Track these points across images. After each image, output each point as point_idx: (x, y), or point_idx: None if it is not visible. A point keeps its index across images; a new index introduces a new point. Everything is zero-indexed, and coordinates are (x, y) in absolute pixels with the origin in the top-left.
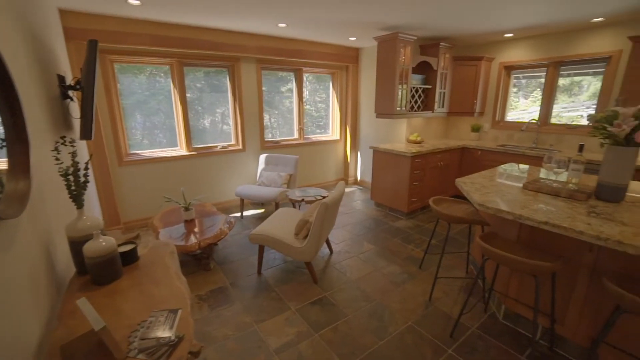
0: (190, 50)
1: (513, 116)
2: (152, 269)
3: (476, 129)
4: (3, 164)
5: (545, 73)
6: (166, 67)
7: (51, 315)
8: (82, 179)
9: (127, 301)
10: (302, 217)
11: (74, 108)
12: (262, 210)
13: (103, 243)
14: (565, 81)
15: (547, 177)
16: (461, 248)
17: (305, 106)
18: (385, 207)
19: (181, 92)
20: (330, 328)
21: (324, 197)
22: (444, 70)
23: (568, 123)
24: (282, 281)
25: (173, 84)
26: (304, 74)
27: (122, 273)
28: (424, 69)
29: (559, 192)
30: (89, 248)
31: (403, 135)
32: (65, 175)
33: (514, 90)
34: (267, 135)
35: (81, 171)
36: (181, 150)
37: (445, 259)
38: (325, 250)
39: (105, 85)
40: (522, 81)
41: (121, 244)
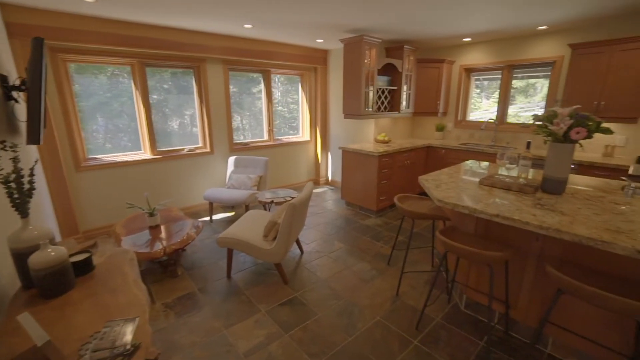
0: (151, 50)
1: (477, 116)
2: (109, 278)
3: (440, 129)
4: None
5: (500, 75)
6: (127, 68)
7: None
8: (27, 186)
9: (80, 313)
10: (271, 219)
11: (20, 110)
12: (232, 213)
13: (52, 253)
14: (521, 83)
15: (501, 173)
16: (427, 243)
17: (277, 107)
18: (355, 206)
19: (143, 94)
20: (300, 328)
21: (293, 198)
22: (409, 72)
23: (525, 122)
24: (252, 284)
25: (135, 85)
26: (273, 75)
27: (75, 284)
28: (390, 71)
29: (511, 187)
30: (36, 259)
31: (371, 135)
32: (5, 182)
33: (477, 91)
34: (239, 137)
35: (25, 178)
36: (145, 154)
37: (412, 254)
38: (296, 250)
39: (58, 86)
40: (484, 83)
41: (74, 254)
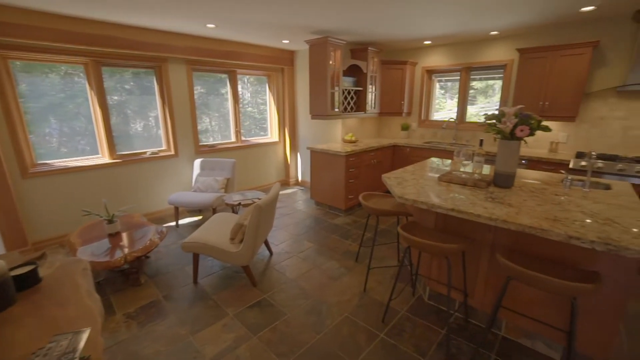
0: (107, 49)
1: (442, 115)
2: (58, 290)
3: (405, 128)
4: None
5: (459, 77)
6: (81, 67)
7: None
8: None
9: (22, 330)
10: (237, 221)
11: None
12: (200, 217)
13: None
14: (481, 84)
15: (463, 170)
16: (393, 239)
17: (247, 108)
18: (324, 206)
19: (100, 94)
20: (269, 329)
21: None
22: (374, 73)
23: (480, 121)
24: (220, 288)
25: (89, 85)
26: (242, 76)
27: (16, 299)
28: (355, 72)
29: (466, 182)
30: None
31: (339, 135)
32: None
33: (442, 92)
34: (208, 139)
35: None
36: (103, 158)
37: (379, 251)
38: (265, 252)
39: None
40: (448, 84)
41: (16, 267)
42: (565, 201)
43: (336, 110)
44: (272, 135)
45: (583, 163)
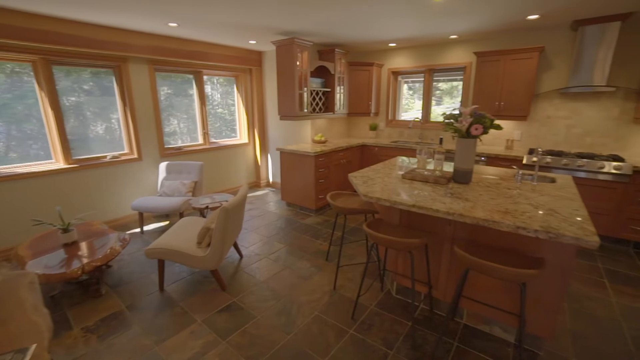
0: (58, 46)
1: (411, 115)
2: None
3: (374, 128)
4: None
5: (423, 78)
6: (28, 65)
7: None
8: None
9: None
10: (204, 225)
11: None
12: (167, 222)
13: None
14: (446, 85)
15: (424, 167)
16: (363, 237)
17: (217, 109)
18: (295, 206)
19: (51, 95)
20: (238, 332)
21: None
22: (341, 74)
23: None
24: (188, 294)
25: (38, 85)
26: (211, 77)
27: None
28: (323, 73)
29: (428, 179)
30: None
31: (308, 135)
32: None
33: (410, 92)
34: (177, 141)
35: None
36: (57, 163)
37: (349, 249)
38: (235, 255)
39: None
40: (416, 85)
41: None
42: (516, 194)
43: (305, 111)
44: (242, 136)
45: (534, 159)
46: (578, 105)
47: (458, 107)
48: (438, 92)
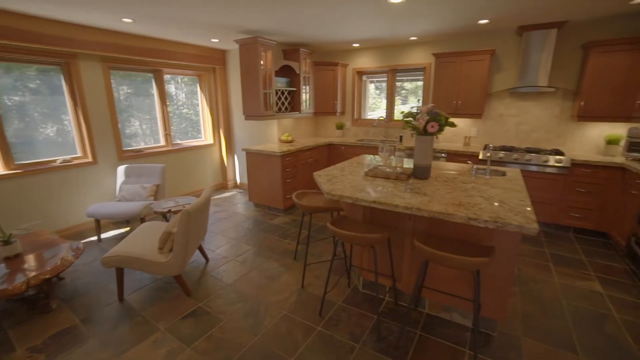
0: None
1: (378, 114)
2: None
3: (340, 127)
4: None
5: (386, 78)
6: None
7: None
8: None
9: None
10: (165, 229)
11: None
12: (127, 228)
13: None
14: (411, 85)
15: (389, 165)
16: (330, 235)
17: (182, 110)
18: (263, 207)
19: None
20: (204, 338)
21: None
22: (306, 74)
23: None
24: (150, 302)
25: None
26: (175, 76)
27: None
28: (288, 73)
29: (389, 176)
30: None
31: (275, 135)
32: None
33: (377, 92)
34: (139, 143)
35: None
36: None
37: (317, 247)
38: (200, 259)
39: None
40: (382, 85)
41: None
42: (470, 188)
43: (270, 110)
44: (207, 137)
45: (488, 154)
46: (526, 104)
47: (416, 106)
48: (404, 92)
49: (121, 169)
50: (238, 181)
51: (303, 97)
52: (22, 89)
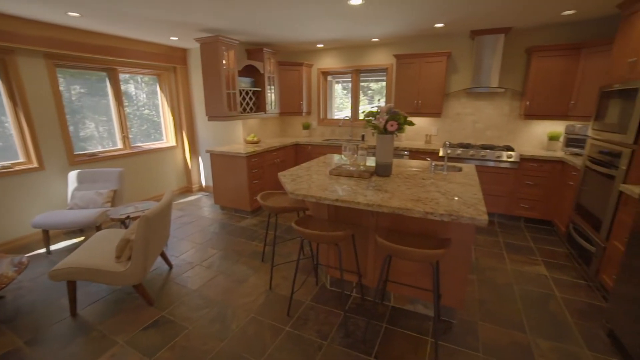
0: None
1: (345, 114)
2: None
3: (306, 127)
4: None
5: (350, 78)
6: None
7: None
8: None
9: None
10: (123, 237)
11: None
12: (81, 238)
13: None
14: (377, 85)
15: (355, 163)
16: (298, 234)
17: (143, 111)
18: (230, 209)
19: None
20: (167, 348)
21: None
22: (271, 74)
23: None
24: (108, 314)
25: None
26: (132, 75)
27: None
28: (252, 73)
29: (353, 174)
30: None
31: (240, 136)
32: None
33: (344, 92)
34: (96, 146)
35: None
36: None
37: (285, 247)
38: (163, 266)
39: None
40: (349, 85)
41: None
42: (428, 184)
43: (235, 111)
44: (169, 139)
45: (448, 151)
46: (480, 103)
47: (377, 105)
48: (370, 92)
49: (73, 175)
50: (203, 184)
51: (268, 97)
52: None
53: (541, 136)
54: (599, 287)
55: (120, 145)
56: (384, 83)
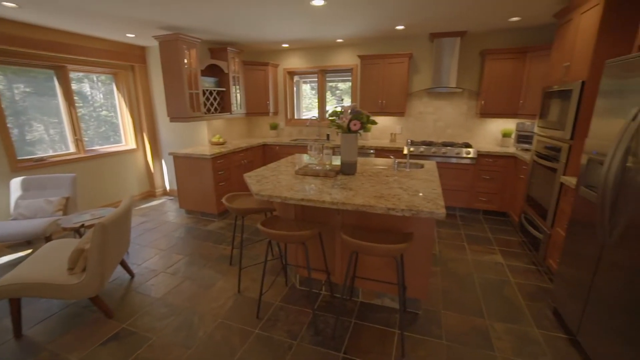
0: None
1: (315, 114)
2: None
3: (274, 127)
4: None
5: (317, 78)
6: None
7: None
8: None
9: None
10: (76, 247)
11: None
12: (29, 250)
13: None
14: (345, 85)
15: (323, 163)
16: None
17: (100, 112)
18: (196, 213)
19: None
20: None
21: None
22: (236, 73)
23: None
24: (60, 332)
25: None
26: (87, 74)
27: None
28: (216, 72)
29: (318, 173)
30: None
31: (205, 137)
32: None
33: (313, 92)
34: (47, 151)
35: None
36: None
37: (253, 249)
38: (124, 275)
39: None
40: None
41: None
42: (392, 181)
43: (199, 112)
44: (128, 141)
45: (412, 149)
46: (440, 102)
47: (340, 105)
48: (338, 92)
49: (16, 182)
50: (167, 188)
51: (234, 98)
52: None
53: (496, 133)
54: (547, 271)
55: (72, 149)
56: (350, 83)
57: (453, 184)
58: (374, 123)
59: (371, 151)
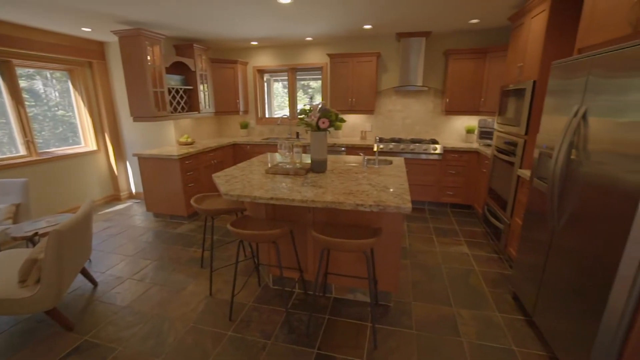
0: None
1: (286, 113)
2: None
3: (245, 126)
4: None
5: (287, 77)
6: None
7: None
8: None
9: None
10: (28, 257)
11: None
12: None
13: None
14: (316, 84)
15: (294, 162)
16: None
17: (57, 111)
18: (165, 216)
19: None
20: None
21: None
22: (203, 71)
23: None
24: (13, 349)
25: None
26: (40, 70)
27: None
28: (183, 70)
29: (289, 172)
30: None
31: (172, 137)
32: None
33: (285, 91)
34: None
35: None
36: None
37: (225, 250)
38: (86, 285)
39: None
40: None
41: None
42: (361, 177)
43: (164, 111)
44: (88, 143)
45: (381, 146)
46: (408, 100)
47: (309, 104)
48: (310, 90)
49: None
50: (133, 191)
51: (201, 96)
52: None
53: (460, 130)
54: (507, 259)
55: (23, 151)
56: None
57: (421, 179)
58: (343, 121)
59: (342, 149)
